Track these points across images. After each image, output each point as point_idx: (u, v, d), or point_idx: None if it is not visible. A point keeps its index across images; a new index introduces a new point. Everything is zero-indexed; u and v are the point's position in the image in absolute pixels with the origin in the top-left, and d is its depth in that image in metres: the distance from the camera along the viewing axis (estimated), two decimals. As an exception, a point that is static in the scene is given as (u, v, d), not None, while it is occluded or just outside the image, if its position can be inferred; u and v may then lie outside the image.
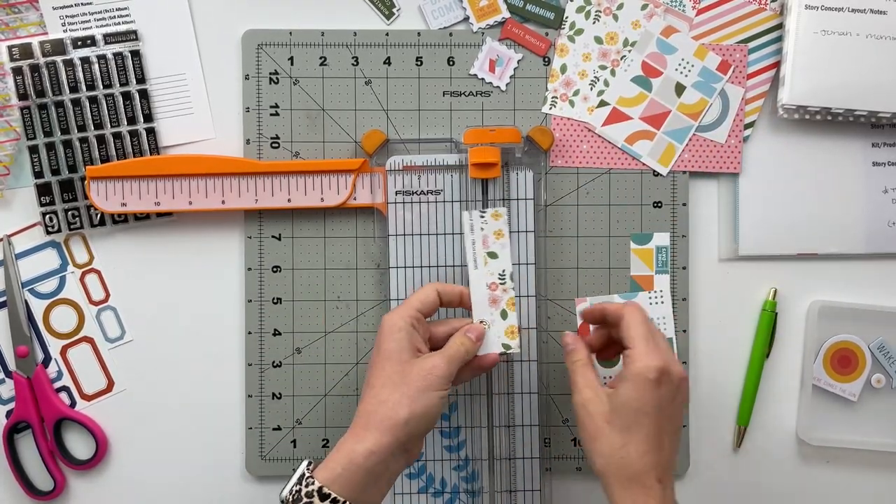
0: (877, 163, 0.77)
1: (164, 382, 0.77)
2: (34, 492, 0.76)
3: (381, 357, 0.64)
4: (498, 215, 0.70)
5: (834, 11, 0.73)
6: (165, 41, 0.75)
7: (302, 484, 0.60)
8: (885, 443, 0.78)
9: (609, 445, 0.62)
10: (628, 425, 0.61)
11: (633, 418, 0.61)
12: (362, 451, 0.61)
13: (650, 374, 0.61)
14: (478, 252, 0.70)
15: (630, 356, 0.63)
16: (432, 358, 0.65)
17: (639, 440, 0.61)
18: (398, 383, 0.63)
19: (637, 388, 0.62)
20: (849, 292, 0.78)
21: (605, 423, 0.62)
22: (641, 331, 0.64)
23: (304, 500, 0.60)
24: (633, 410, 0.61)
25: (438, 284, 0.69)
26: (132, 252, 0.77)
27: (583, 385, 0.64)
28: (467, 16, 0.76)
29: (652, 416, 0.61)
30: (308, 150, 0.76)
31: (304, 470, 0.61)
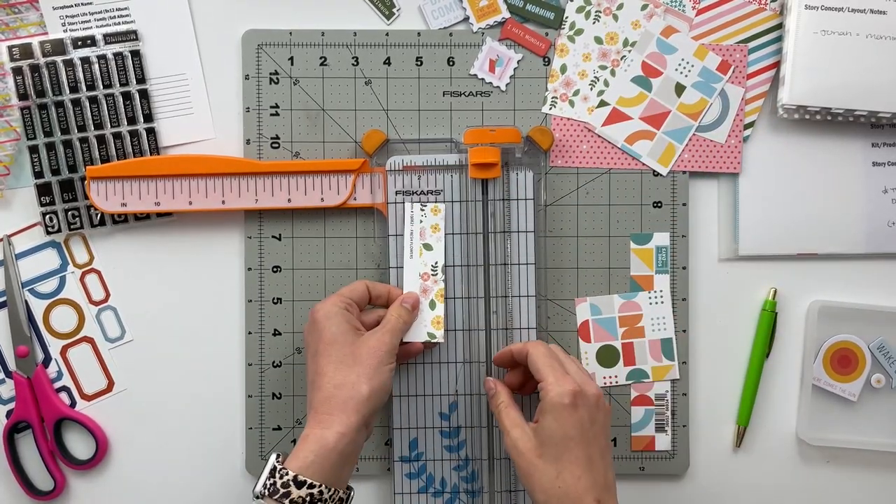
0: (877, 163, 0.77)
1: (164, 382, 0.77)
2: (34, 492, 0.76)
3: (324, 343, 0.66)
4: (437, 210, 0.72)
5: (834, 11, 0.73)
6: (165, 41, 0.75)
7: (276, 476, 0.61)
8: (885, 443, 0.78)
9: (546, 478, 0.63)
10: (558, 454, 0.63)
11: (561, 446, 0.63)
12: (332, 435, 0.62)
13: (564, 399, 0.63)
14: (414, 242, 0.72)
15: (543, 388, 0.65)
16: (375, 334, 0.67)
17: (570, 466, 0.63)
18: (351, 364, 0.65)
19: (556, 416, 0.63)
20: (849, 292, 0.78)
21: (536, 459, 0.64)
22: (546, 362, 0.66)
23: (280, 491, 0.60)
24: (559, 439, 0.63)
25: (368, 281, 0.71)
26: (132, 252, 0.77)
27: (509, 426, 0.66)
28: (467, 16, 0.76)
29: (576, 439, 0.63)
30: (308, 150, 0.76)
31: (275, 463, 0.62)
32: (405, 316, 0.70)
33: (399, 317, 0.69)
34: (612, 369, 0.76)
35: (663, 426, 0.77)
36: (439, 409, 0.76)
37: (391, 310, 0.70)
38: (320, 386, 0.65)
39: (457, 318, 0.75)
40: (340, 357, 0.65)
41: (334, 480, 0.62)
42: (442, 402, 0.76)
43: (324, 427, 0.63)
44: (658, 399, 0.77)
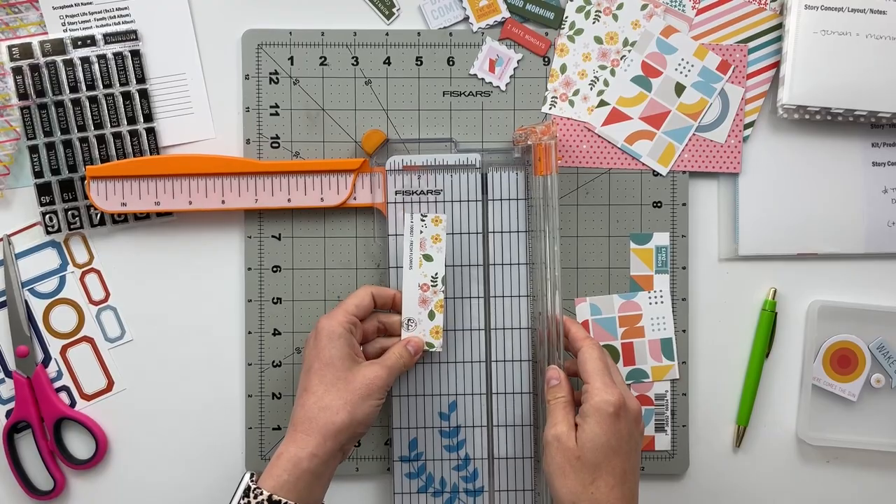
0: (877, 163, 0.77)
1: (164, 382, 0.77)
2: (34, 492, 0.76)
3: (321, 363, 0.66)
4: (438, 220, 0.71)
5: (834, 11, 0.73)
6: (165, 41, 0.75)
7: (250, 496, 0.62)
8: (885, 443, 0.78)
9: (579, 482, 0.63)
10: (597, 462, 0.63)
11: (601, 454, 0.63)
12: (306, 456, 0.63)
13: (608, 408, 0.63)
14: (414, 253, 0.71)
15: (588, 391, 0.65)
16: (374, 367, 0.67)
17: (607, 476, 0.63)
18: (341, 390, 0.65)
19: (599, 423, 0.63)
20: (849, 292, 0.78)
21: (575, 460, 0.63)
22: (598, 366, 0.66)
23: None
24: (600, 446, 0.63)
25: (373, 287, 0.71)
26: (132, 252, 0.77)
27: (560, 420, 0.66)
28: (467, 16, 0.76)
29: (616, 450, 0.63)
30: (308, 149, 0.76)
31: (249, 482, 0.63)
32: (406, 358, 0.70)
33: (401, 357, 0.69)
34: (612, 369, 0.76)
35: (663, 426, 0.77)
36: (439, 409, 0.76)
37: (394, 348, 0.70)
38: (304, 403, 0.65)
39: (456, 318, 0.75)
40: (333, 381, 0.65)
41: (308, 499, 0.63)
42: (442, 402, 0.76)
43: (299, 447, 0.64)
44: (658, 399, 0.77)
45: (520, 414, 0.76)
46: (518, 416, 0.76)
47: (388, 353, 0.69)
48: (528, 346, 0.75)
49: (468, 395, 0.76)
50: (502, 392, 0.76)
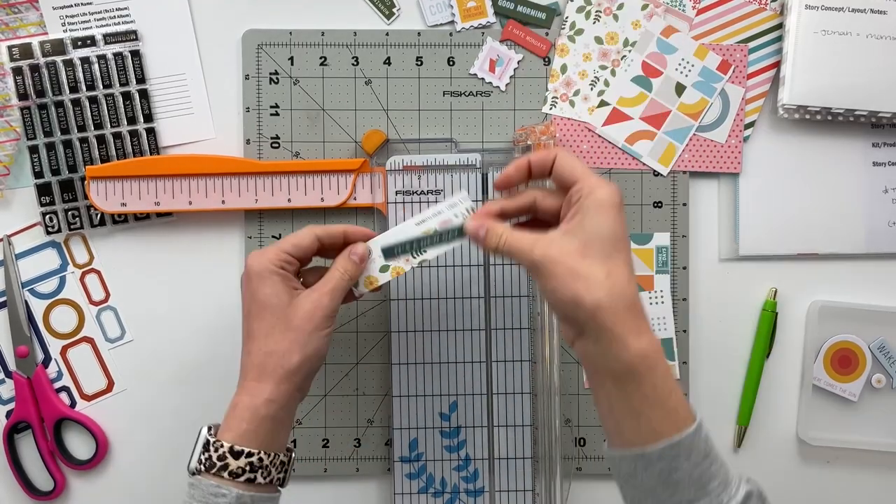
0: (877, 163, 0.77)
1: (164, 382, 0.77)
2: (34, 492, 0.76)
3: (257, 305, 0.62)
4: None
5: (834, 11, 0.73)
6: (165, 41, 0.75)
7: (211, 450, 0.60)
8: (885, 443, 0.78)
9: (594, 279, 0.55)
10: (608, 253, 0.56)
11: (610, 245, 0.56)
12: (262, 403, 0.60)
13: (615, 198, 0.57)
14: (430, 221, 0.65)
15: (584, 188, 0.58)
16: (313, 294, 0.62)
17: (620, 266, 0.56)
18: (284, 330, 0.61)
19: (605, 214, 0.57)
20: (849, 292, 0.78)
21: (580, 259, 0.56)
22: (585, 167, 0.59)
23: (217, 464, 0.59)
24: (609, 237, 0.56)
25: (318, 227, 0.65)
26: (132, 252, 0.77)
27: (531, 241, 0.58)
28: (453, 14, 0.76)
29: (623, 241, 0.57)
30: (308, 150, 0.76)
31: (207, 436, 0.61)
32: (351, 270, 0.64)
33: (344, 272, 0.63)
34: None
35: (663, 426, 0.77)
36: (439, 409, 0.76)
37: (336, 262, 0.64)
38: (250, 351, 0.62)
39: (456, 318, 0.75)
40: (272, 322, 0.61)
41: (272, 446, 0.60)
42: (442, 402, 0.76)
43: (252, 395, 0.61)
44: (658, 399, 0.77)
45: (520, 414, 0.76)
46: (518, 416, 0.76)
47: (330, 270, 0.63)
48: (528, 346, 0.75)
49: (468, 396, 0.76)
50: (502, 392, 0.76)
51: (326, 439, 0.77)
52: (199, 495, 0.59)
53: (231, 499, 0.58)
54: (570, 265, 0.55)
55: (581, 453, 0.77)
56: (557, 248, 0.57)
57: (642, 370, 0.55)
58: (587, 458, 0.77)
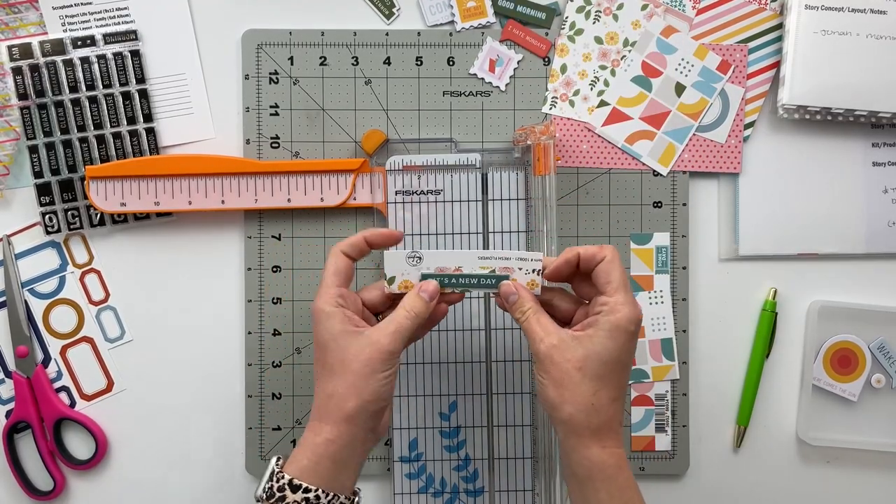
0: (877, 163, 0.77)
1: (164, 382, 0.77)
2: (34, 492, 0.76)
3: (319, 348, 0.62)
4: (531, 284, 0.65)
5: (834, 11, 0.73)
6: (165, 41, 0.75)
7: (273, 480, 0.60)
8: (885, 443, 0.78)
9: (581, 394, 0.59)
10: (602, 374, 0.59)
11: (608, 368, 0.59)
12: (322, 442, 0.60)
13: (631, 326, 0.59)
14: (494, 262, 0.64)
15: (609, 304, 0.60)
16: (373, 335, 0.61)
17: (609, 389, 0.59)
18: (340, 373, 0.60)
19: (616, 338, 0.59)
20: (849, 292, 0.78)
21: (576, 371, 0.59)
22: (623, 279, 0.61)
23: (276, 494, 0.59)
24: (609, 360, 0.59)
25: (341, 244, 0.65)
26: (132, 252, 0.76)
27: (544, 332, 0.61)
28: (453, 14, 0.76)
29: (623, 366, 0.60)
30: (308, 150, 0.76)
31: (274, 466, 0.61)
32: (418, 308, 0.62)
33: (410, 311, 0.62)
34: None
35: (663, 426, 0.77)
36: (439, 409, 0.76)
37: (404, 301, 0.63)
38: (316, 392, 0.63)
39: (456, 318, 0.75)
40: (331, 364, 0.61)
41: (332, 485, 0.60)
42: (442, 402, 0.76)
43: (315, 434, 0.61)
44: (658, 399, 0.77)
45: (520, 414, 0.76)
46: (518, 416, 0.76)
47: (397, 308, 0.62)
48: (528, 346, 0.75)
49: (468, 396, 0.76)
50: (502, 392, 0.76)
51: (326, 439, 0.77)
52: None
53: None
54: (563, 371, 0.59)
55: (581, 453, 0.77)
56: (561, 351, 0.60)
57: (599, 479, 0.59)
58: (587, 458, 0.77)
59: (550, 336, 0.60)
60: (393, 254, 0.64)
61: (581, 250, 0.63)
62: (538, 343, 0.61)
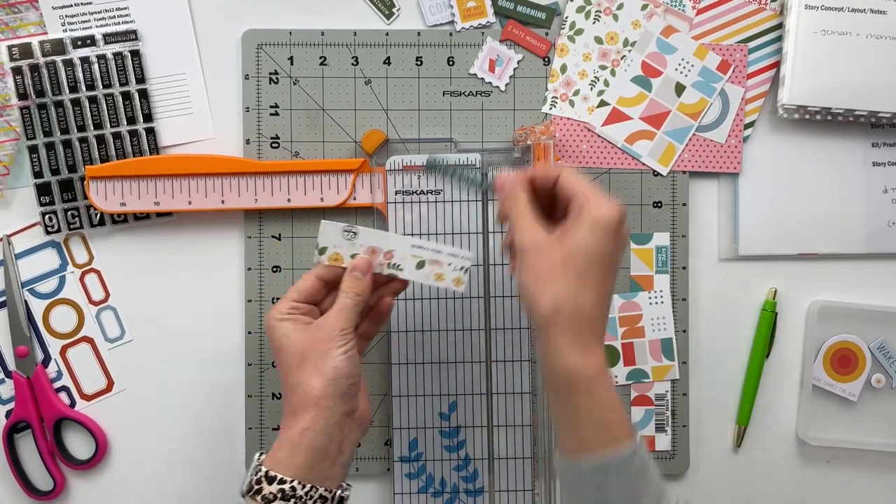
0: (877, 163, 0.77)
1: (164, 382, 0.77)
2: (34, 492, 0.76)
3: (277, 352, 0.63)
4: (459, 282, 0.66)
5: (834, 11, 0.73)
6: (165, 41, 0.75)
7: (253, 473, 0.60)
8: (885, 443, 0.78)
9: (562, 290, 0.56)
10: (584, 271, 0.57)
11: (590, 266, 0.57)
12: (297, 432, 0.60)
13: (612, 223, 0.57)
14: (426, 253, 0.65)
15: (585, 206, 0.58)
16: (320, 320, 0.63)
17: (593, 289, 0.57)
18: (299, 362, 0.61)
19: (598, 234, 0.57)
20: (849, 292, 0.78)
21: (560, 265, 0.57)
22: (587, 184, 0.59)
23: (254, 487, 0.59)
24: (593, 258, 0.57)
25: (318, 269, 0.65)
26: (132, 252, 0.76)
27: (531, 225, 0.59)
28: (453, 13, 0.76)
29: (607, 265, 0.58)
30: (308, 149, 0.76)
31: (256, 458, 0.61)
32: (356, 286, 0.63)
33: (349, 289, 0.63)
34: (613, 369, 0.76)
35: (663, 426, 0.77)
36: (439, 409, 0.76)
37: (343, 286, 0.63)
38: (283, 393, 0.63)
39: (456, 318, 0.75)
40: (290, 361, 0.62)
41: (310, 475, 0.60)
42: (442, 402, 0.76)
43: (289, 427, 0.61)
44: (658, 399, 0.77)
45: (520, 414, 0.76)
46: (518, 416, 0.76)
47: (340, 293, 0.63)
48: (528, 346, 0.75)
49: (468, 395, 0.76)
50: (502, 392, 0.76)
51: (326, 439, 0.77)
52: None
53: None
54: (549, 266, 0.57)
55: (581, 453, 0.77)
56: (547, 246, 0.58)
57: (578, 386, 0.57)
58: (587, 458, 0.77)
59: (535, 230, 0.59)
60: (328, 224, 0.64)
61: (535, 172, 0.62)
62: (522, 232, 0.59)
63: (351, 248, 0.65)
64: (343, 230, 0.64)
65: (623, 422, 0.57)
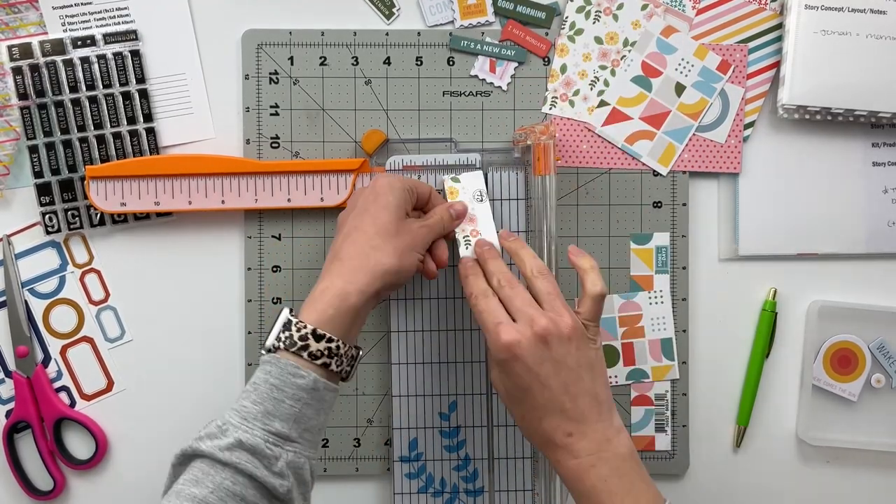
0: (877, 163, 0.77)
1: (164, 382, 0.77)
2: (34, 492, 0.76)
3: (378, 206, 0.65)
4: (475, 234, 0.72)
5: (834, 11, 0.73)
6: (165, 41, 0.75)
7: (292, 329, 0.60)
8: (885, 443, 0.78)
9: (516, 418, 0.64)
10: (518, 399, 0.62)
11: (518, 392, 0.62)
12: (354, 291, 0.62)
13: (500, 354, 0.61)
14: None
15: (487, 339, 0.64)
16: (417, 222, 0.67)
17: (532, 410, 0.62)
18: (392, 234, 0.64)
19: (500, 370, 0.63)
20: (849, 292, 0.78)
21: (506, 400, 0.64)
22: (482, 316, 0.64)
23: (298, 343, 0.60)
24: (512, 388, 0.62)
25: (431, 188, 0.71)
26: (132, 252, 0.77)
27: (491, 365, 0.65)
28: (453, 10, 0.76)
29: (529, 386, 0.61)
30: (308, 149, 0.76)
31: (289, 316, 0.61)
32: (447, 221, 0.69)
33: (441, 219, 0.69)
34: (612, 369, 0.76)
35: (663, 426, 0.77)
36: (439, 409, 0.76)
37: (437, 210, 0.70)
38: (356, 240, 0.64)
39: (456, 318, 0.75)
40: (386, 224, 0.65)
41: (347, 336, 0.62)
42: (442, 402, 0.76)
43: (347, 281, 0.62)
44: (658, 399, 0.77)
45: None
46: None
47: (431, 213, 0.69)
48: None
49: (468, 395, 0.76)
50: (502, 392, 0.76)
51: (326, 439, 0.77)
52: (277, 373, 0.60)
53: (309, 381, 0.60)
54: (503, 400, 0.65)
55: (581, 453, 0.77)
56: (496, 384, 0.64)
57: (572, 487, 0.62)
58: (587, 458, 0.77)
59: (493, 369, 0.64)
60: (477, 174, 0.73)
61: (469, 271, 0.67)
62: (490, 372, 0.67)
63: (466, 200, 0.72)
64: (479, 189, 0.72)
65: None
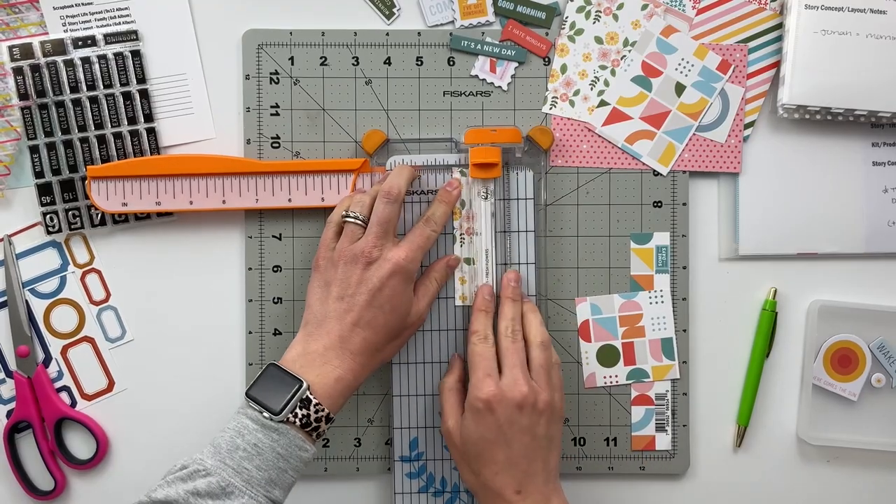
0: (877, 163, 0.77)
1: (164, 382, 0.77)
2: (34, 491, 0.76)
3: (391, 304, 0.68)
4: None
5: (834, 11, 0.73)
6: (166, 41, 0.75)
7: (310, 409, 0.64)
8: (885, 442, 0.78)
9: (467, 472, 0.68)
10: (477, 452, 0.66)
11: (479, 445, 0.66)
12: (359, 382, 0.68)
13: (477, 403, 0.66)
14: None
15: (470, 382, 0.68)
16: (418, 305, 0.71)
17: (489, 465, 0.66)
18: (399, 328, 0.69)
19: (472, 417, 0.66)
20: (849, 292, 0.78)
21: (460, 456, 0.68)
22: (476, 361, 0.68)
23: (313, 424, 0.64)
24: (476, 438, 0.66)
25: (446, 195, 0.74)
26: (133, 252, 0.77)
27: (447, 414, 0.70)
28: (453, 10, 0.76)
29: (493, 440, 0.66)
30: (308, 149, 0.76)
31: (309, 395, 0.64)
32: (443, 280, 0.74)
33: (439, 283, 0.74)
34: (613, 369, 0.76)
35: (663, 426, 0.77)
36: (439, 409, 0.76)
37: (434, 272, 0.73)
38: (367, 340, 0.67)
39: (456, 318, 0.75)
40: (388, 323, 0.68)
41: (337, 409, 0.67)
42: (442, 402, 0.76)
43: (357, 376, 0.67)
44: (658, 399, 0.77)
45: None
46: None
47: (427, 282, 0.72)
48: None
49: (468, 395, 0.76)
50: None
51: (327, 439, 0.77)
52: (286, 444, 0.63)
53: (311, 454, 0.65)
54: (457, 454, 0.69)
55: (581, 453, 0.77)
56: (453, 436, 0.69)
57: None
58: (587, 458, 0.77)
59: (450, 419, 0.69)
60: None
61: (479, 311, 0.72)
62: (442, 423, 0.71)
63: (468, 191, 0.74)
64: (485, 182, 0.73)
65: None
